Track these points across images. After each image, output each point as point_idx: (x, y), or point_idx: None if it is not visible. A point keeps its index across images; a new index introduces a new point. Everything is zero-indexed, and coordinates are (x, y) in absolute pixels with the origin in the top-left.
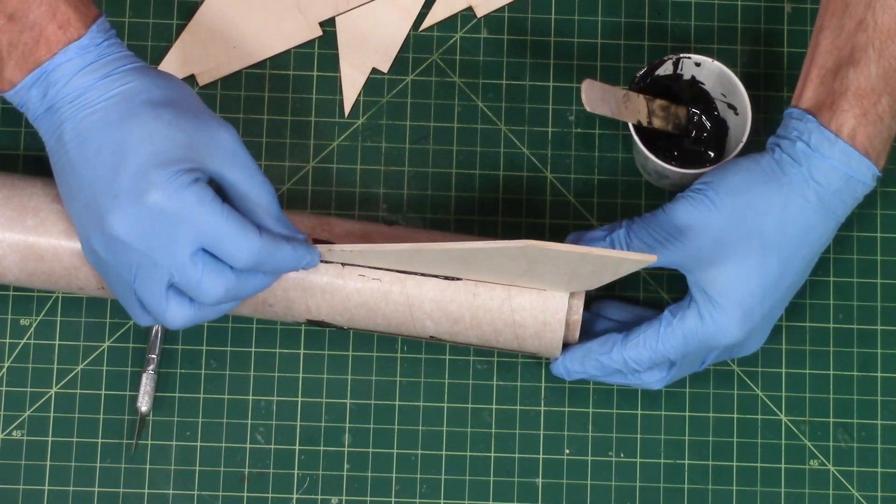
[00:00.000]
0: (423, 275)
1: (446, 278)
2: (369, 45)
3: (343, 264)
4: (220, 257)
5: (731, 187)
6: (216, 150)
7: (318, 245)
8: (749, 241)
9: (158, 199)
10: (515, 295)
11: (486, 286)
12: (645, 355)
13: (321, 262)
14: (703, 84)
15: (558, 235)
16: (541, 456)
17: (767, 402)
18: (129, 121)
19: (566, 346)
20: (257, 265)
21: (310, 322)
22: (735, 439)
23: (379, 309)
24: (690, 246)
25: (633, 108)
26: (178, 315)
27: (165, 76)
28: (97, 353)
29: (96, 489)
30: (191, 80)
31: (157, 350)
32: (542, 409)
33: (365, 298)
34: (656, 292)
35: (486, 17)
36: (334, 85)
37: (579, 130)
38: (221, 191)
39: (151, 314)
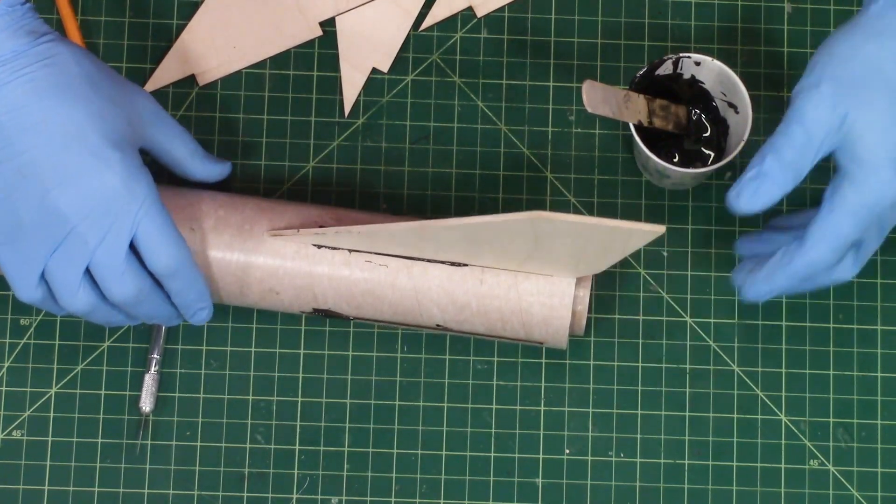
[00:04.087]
0: (429, 261)
1: (453, 264)
2: (369, 45)
3: (350, 251)
4: (145, 254)
5: (840, 64)
6: (146, 117)
7: (324, 228)
8: (879, 96)
9: (115, 181)
10: (522, 280)
11: (492, 272)
12: (826, 252)
13: (328, 248)
14: (702, 83)
15: None
16: (541, 456)
17: (767, 402)
18: (72, 94)
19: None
20: (175, 272)
21: (316, 311)
22: (735, 439)
23: (385, 296)
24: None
25: (634, 109)
26: (83, 300)
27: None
28: (97, 353)
29: (96, 489)
30: (191, 80)
31: (158, 350)
32: (542, 409)
33: (371, 286)
34: (657, 292)
35: (486, 17)
36: (334, 85)
37: (579, 130)
38: (154, 153)
39: (58, 292)
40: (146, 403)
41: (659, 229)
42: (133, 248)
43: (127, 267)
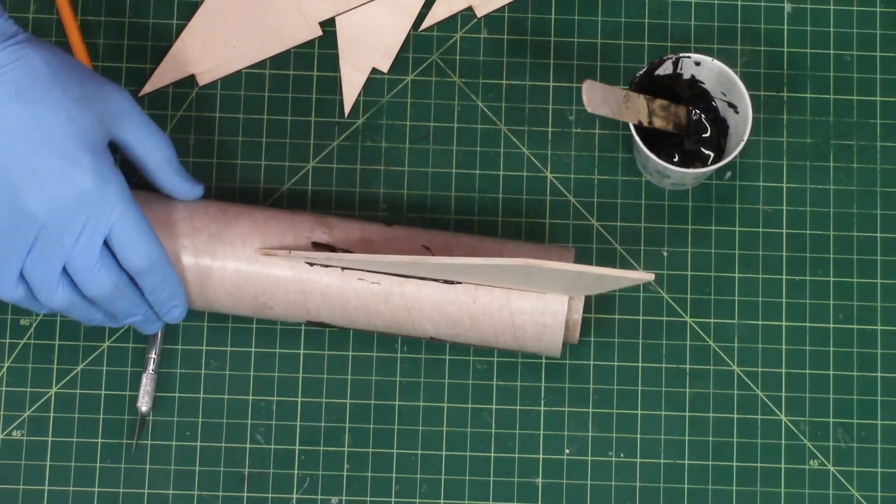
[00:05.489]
0: (421, 278)
1: (445, 282)
2: (369, 45)
3: (343, 268)
4: (119, 252)
5: None
6: (118, 114)
7: (317, 252)
8: None
9: (87, 183)
10: (515, 298)
11: (485, 289)
12: None
13: (321, 265)
14: (702, 83)
15: (559, 235)
16: (541, 456)
17: (767, 402)
18: (41, 96)
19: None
20: (149, 270)
21: (310, 323)
22: (735, 439)
23: (378, 312)
24: None
25: (634, 109)
26: (62, 297)
27: (50, 44)
28: (97, 353)
29: (96, 489)
30: (191, 80)
31: (156, 350)
32: (542, 409)
33: (364, 301)
34: (657, 292)
35: (486, 17)
36: (334, 85)
37: (579, 130)
38: (125, 152)
39: (37, 290)
40: (143, 403)
41: (647, 277)
42: (109, 245)
43: (102, 265)
